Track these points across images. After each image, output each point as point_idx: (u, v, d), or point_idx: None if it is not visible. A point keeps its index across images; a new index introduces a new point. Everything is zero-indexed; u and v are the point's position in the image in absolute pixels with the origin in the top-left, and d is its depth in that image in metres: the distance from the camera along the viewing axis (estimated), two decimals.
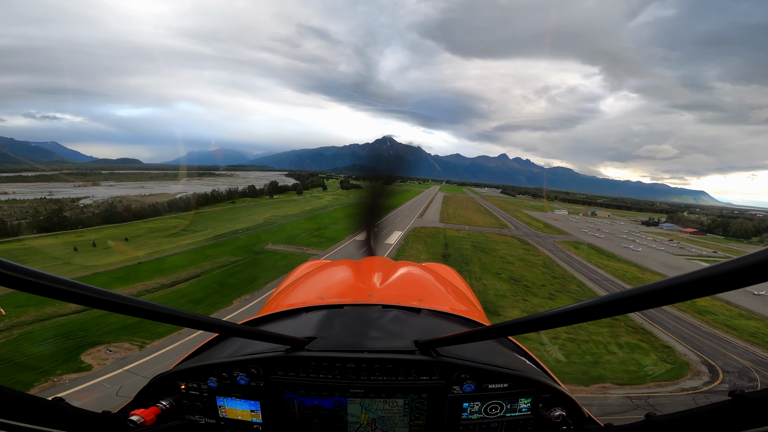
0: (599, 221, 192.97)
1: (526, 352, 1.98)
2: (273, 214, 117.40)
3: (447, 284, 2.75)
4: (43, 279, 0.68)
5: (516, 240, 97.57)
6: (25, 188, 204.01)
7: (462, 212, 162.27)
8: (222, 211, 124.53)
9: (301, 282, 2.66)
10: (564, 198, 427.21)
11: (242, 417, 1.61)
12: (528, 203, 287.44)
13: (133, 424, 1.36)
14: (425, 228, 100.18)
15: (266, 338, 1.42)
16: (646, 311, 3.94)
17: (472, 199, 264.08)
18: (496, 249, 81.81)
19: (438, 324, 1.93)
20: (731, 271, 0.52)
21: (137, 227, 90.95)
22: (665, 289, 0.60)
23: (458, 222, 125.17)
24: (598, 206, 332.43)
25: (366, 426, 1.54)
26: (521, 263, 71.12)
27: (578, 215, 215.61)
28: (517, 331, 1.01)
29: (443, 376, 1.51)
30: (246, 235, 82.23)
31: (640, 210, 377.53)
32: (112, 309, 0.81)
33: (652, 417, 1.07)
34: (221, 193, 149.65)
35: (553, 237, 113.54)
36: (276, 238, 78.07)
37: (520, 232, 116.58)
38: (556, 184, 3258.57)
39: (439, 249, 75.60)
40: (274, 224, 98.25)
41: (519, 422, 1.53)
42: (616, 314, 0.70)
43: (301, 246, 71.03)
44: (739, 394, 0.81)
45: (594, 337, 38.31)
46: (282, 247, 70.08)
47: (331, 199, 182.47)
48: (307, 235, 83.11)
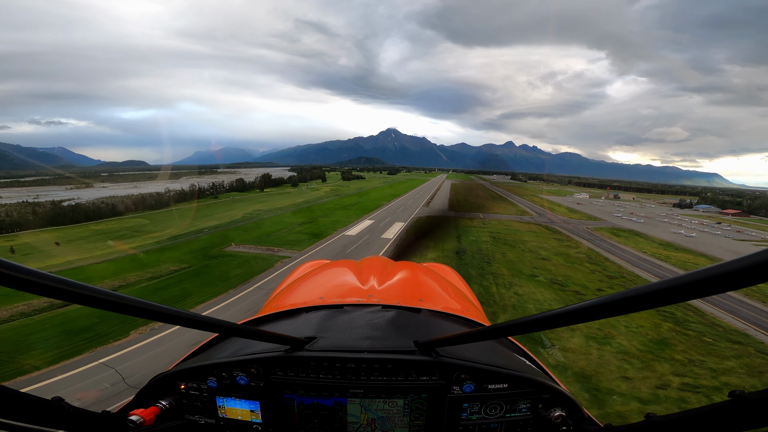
0: (627, 204, 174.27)
1: (525, 353, 1.97)
2: (257, 208, 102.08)
3: (447, 284, 2.75)
4: (43, 279, 0.67)
5: (543, 228, 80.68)
6: (15, 192, 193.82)
7: (473, 199, 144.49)
8: (200, 207, 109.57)
9: (301, 282, 2.68)
10: (578, 182, 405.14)
11: (242, 417, 1.59)
12: (543, 188, 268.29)
13: (133, 424, 1.35)
14: (432, 217, 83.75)
15: (266, 338, 1.40)
16: None
17: (482, 186, 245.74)
18: (523, 241, 65.24)
19: (438, 324, 1.92)
20: (731, 272, 0.51)
21: (83, 229, 76.51)
22: (665, 289, 0.59)
23: (470, 209, 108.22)
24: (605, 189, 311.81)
25: (366, 426, 1.53)
26: (560, 259, 54.47)
27: (600, 199, 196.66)
28: (517, 331, 1.00)
29: (443, 377, 1.50)
30: (210, 234, 67.07)
31: (661, 192, 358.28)
32: (113, 309, 0.81)
33: (652, 417, 1.06)
34: (204, 189, 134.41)
35: (585, 223, 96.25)
36: (246, 237, 62.74)
37: (544, 218, 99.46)
38: (565, 169, 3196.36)
39: (451, 244, 59.28)
40: (252, 219, 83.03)
41: (519, 423, 1.52)
42: (616, 314, 0.69)
43: (272, 246, 55.42)
44: (739, 395, 0.80)
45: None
46: (247, 249, 54.63)
47: (328, 190, 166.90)
48: (287, 232, 67.46)
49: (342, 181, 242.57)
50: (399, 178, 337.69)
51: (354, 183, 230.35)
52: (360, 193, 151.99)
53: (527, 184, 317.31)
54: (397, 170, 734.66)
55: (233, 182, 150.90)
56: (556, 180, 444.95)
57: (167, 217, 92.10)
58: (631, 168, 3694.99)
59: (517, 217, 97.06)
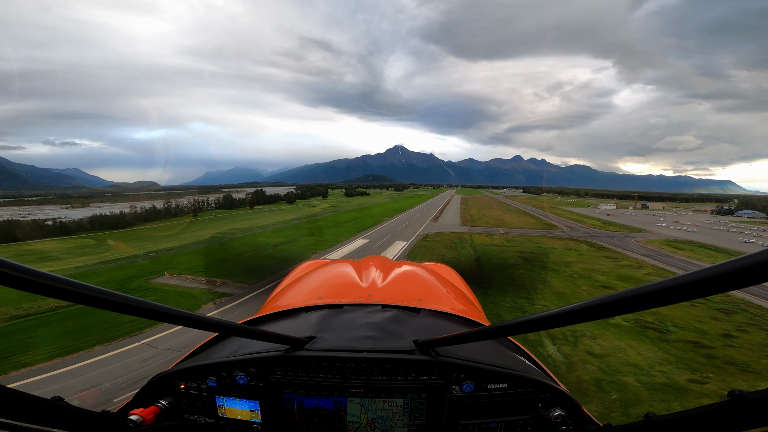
0: (662, 214, 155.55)
1: (525, 353, 1.95)
2: (236, 227, 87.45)
3: (447, 284, 2.75)
4: (43, 278, 0.67)
5: (583, 245, 63.62)
6: (12, 211, 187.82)
7: (488, 212, 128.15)
8: (170, 226, 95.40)
9: (300, 281, 2.68)
10: (595, 194, 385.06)
11: (242, 416, 1.59)
12: (559, 199, 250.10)
13: (133, 424, 1.34)
14: (442, 234, 67.57)
15: (266, 338, 1.39)
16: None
17: (495, 199, 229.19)
18: (566, 262, 48.41)
19: (437, 324, 1.91)
20: (732, 272, 0.50)
21: (11, 249, 63.33)
22: (665, 289, 0.59)
23: (487, 224, 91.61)
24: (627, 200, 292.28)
25: (365, 426, 1.51)
26: (629, 286, 37.24)
27: (629, 209, 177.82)
28: (517, 331, 1.00)
29: (443, 376, 1.49)
30: (155, 258, 52.26)
31: (685, 201, 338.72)
32: (113, 308, 0.81)
33: (651, 417, 1.05)
34: (182, 207, 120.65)
35: (629, 236, 78.83)
36: (194, 263, 47.63)
37: (578, 232, 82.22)
38: (575, 182, 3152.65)
39: (467, 267, 42.73)
40: (221, 240, 68.20)
41: (518, 422, 1.50)
42: (616, 314, 0.69)
43: (216, 277, 39.92)
44: (738, 395, 0.79)
45: None
46: (179, 281, 39.60)
47: (326, 206, 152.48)
48: (251, 256, 51.91)
49: (344, 197, 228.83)
50: (405, 194, 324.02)
51: (356, 199, 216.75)
52: (360, 208, 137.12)
53: (542, 197, 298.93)
54: (404, 187, 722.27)
55: (219, 199, 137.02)
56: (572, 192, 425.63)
57: (123, 237, 78.04)
58: (643, 179, 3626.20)
59: (546, 232, 79.98)
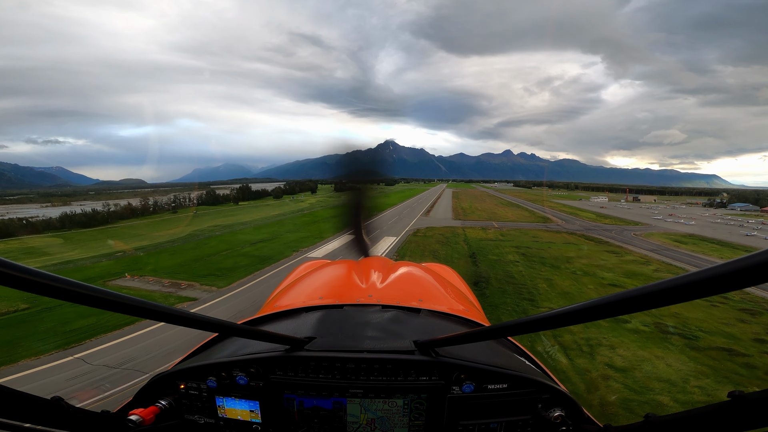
0: (654, 206, 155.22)
1: (525, 353, 1.95)
2: (216, 223, 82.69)
3: (447, 284, 2.73)
4: (43, 278, 0.67)
5: (582, 239, 60.82)
6: None
7: (480, 205, 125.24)
8: (147, 224, 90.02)
9: (300, 282, 2.66)
10: (585, 187, 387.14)
11: (241, 417, 1.59)
12: (550, 192, 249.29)
13: (132, 424, 1.34)
14: (434, 229, 64.11)
15: (266, 338, 1.39)
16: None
17: (486, 193, 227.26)
18: (567, 258, 45.35)
19: (437, 324, 1.91)
20: (732, 272, 0.50)
21: None
22: (665, 289, 0.58)
23: (480, 218, 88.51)
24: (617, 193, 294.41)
25: (365, 426, 1.51)
26: (638, 283, 33.98)
27: (620, 201, 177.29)
28: (517, 332, 0.99)
29: (442, 377, 1.49)
30: (121, 258, 47.67)
31: (674, 194, 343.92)
32: (113, 308, 0.81)
33: (651, 417, 1.05)
34: (162, 205, 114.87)
35: (628, 229, 76.60)
36: (163, 264, 43.40)
37: (573, 225, 79.76)
38: (564, 176, 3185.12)
39: (462, 264, 39.51)
40: (198, 237, 63.60)
41: (518, 423, 1.49)
42: (616, 315, 0.68)
43: (182, 280, 35.71)
44: (738, 395, 0.79)
45: None
46: (141, 283, 35.72)
47: (314, 201, 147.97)
48: (226, 255, 47.72)
49: (334, 192, 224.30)
50: (396, 189, 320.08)
51: (344, 194, 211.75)
52: None
53: (532, 190, 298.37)
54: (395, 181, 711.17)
55: (202, 195, 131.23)
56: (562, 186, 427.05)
57: (93, 235, 72.72)
58: (629, 172, 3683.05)
59: (542, 225, 77.20)
